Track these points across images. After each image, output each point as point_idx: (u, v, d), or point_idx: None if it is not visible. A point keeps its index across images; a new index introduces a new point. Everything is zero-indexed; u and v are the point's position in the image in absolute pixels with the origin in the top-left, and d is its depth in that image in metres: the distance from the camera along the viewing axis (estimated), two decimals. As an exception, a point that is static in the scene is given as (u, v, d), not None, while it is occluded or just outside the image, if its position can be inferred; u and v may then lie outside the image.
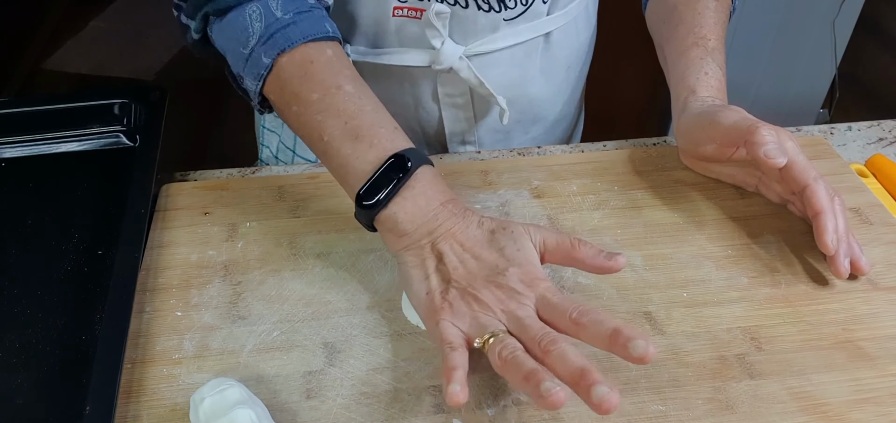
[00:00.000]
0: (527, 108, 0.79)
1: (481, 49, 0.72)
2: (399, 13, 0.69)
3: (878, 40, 1.97)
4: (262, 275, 0.58)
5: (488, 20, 0.71)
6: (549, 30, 0.74)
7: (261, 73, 0.58)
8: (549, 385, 0.42)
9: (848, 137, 0.76)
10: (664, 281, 0.58)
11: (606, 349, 0.44)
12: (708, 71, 0.66)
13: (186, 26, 0.63)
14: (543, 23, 0.74)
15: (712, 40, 0.67)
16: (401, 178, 0.52)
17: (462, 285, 0.50)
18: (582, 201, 0.65)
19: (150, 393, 0.50)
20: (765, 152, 0.56)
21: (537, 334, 0.46)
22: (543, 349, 0.45)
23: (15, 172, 0.66)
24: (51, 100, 0.69)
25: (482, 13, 0.70)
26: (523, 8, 0.71)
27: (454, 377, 0.44)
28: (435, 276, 0.51)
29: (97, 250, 0.58)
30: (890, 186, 0.69)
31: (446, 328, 0.48)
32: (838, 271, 0.56)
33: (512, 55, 0.74)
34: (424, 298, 0.51)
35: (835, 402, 0.50)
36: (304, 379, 0.51)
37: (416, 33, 0.70)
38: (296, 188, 0.66)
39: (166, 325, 0.54)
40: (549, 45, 0.76)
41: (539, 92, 0.79)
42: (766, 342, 0.53)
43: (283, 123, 0.82)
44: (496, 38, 0.72)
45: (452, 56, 0.70)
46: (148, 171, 0.63)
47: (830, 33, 1.68)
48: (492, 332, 0.47)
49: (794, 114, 1.82)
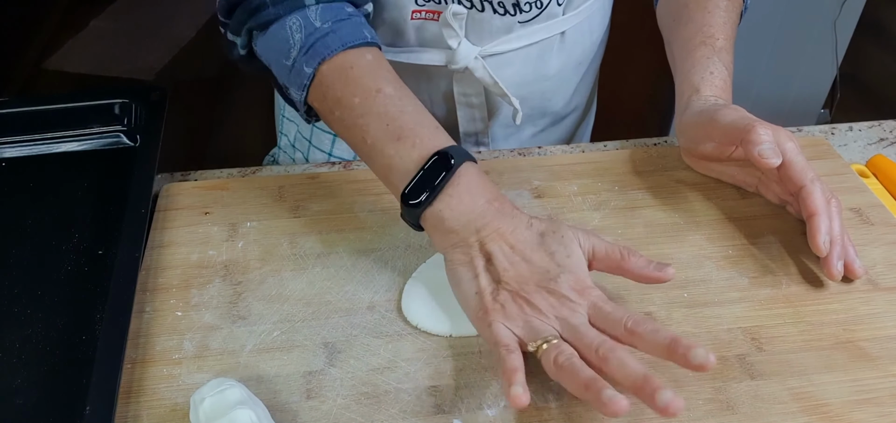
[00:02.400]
0: (538, 104, 0.80)
1: (496, 49, 0.73)
2: (417, 16, 0.70)
3: (880, 41, 1.97)
4: (263, 275, 0.58)
5: (503, 22, 0.71)
6: (563, 29, 0.75)
7: (304, 82, 0.59)
8: (610, 394, 0.42)
9: (849, 137, 0.76)
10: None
11: (665, 358, 0.45)
12: (713, 70, 0.66)
13: (232, 43, 0.64)
14: (558, 22, 0.74)
15: (720, 40, 0.67)
16: (445, 175, 0.52)
17: (513, 287, 0.50)
18: (582, 202, 0.65)
19: (150, 393, 0.50)
20: (759, 152, 0.56)
21: (594, 342, 0.46)
22: (601, 357, 0.45)
23: (15, 172, 0.66)
24: (51, 100, 0.69)
25: (498, 16, 0.71)
26: (538, 11, 0.72)
27: (516, 378, 0.45)
28: (484, 276, 0.51)
29: (97, 249, 0.58)
30: (891, 186, 0.69)
31: (500, 330, 0.48)
32: (831, 272, 0.56)
33: (526, 54, 0.75)
34: (474, 297, 0.51)
35: (835, 402, 0.49)
36: (304, 379, 0.51)
37: (434, 33, 0.71)
38: (296, 188, 0.66)
39: (166, 325, 0.54)
40: (564, 44, 0.76)
41: (551, 88, 0.79)
42: (767, 343, 0.53)
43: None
44: (511, 39, 0.73)
45: (468, 56, 0.71)
46: (148, 170, 0.63)
47: (831, 33, 1.67)
48: (545, 337, 0.47)
49: (795, 114, 1.82)
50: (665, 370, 0.51)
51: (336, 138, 0.82)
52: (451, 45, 0.71)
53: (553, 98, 0.81)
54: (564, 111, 0.83)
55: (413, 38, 0.72)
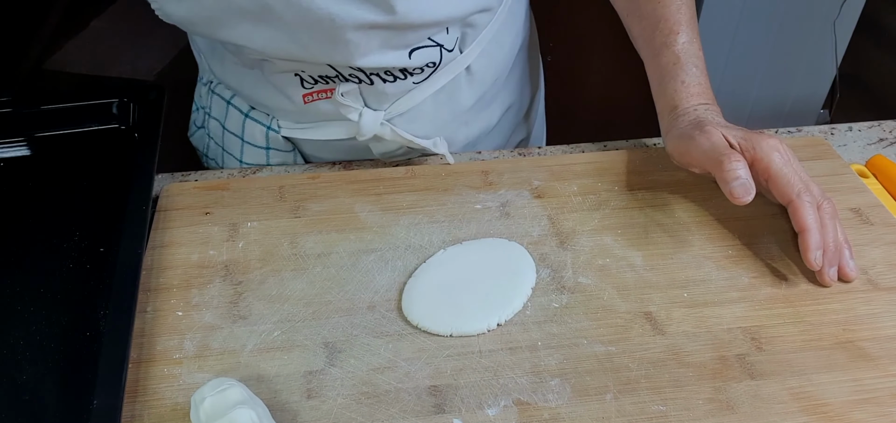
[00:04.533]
0: (468, 131, 0.75)
1: (401, 109, 0.69)
2: (309, 99, 0.68)
3: (879, 41, 1.97)
4: (263, 275, 0.58)
5: (398, 87, 0.68)
6: (466, 64, 0.70)
7: None
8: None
9: (848, 137, 0.76)
10: (665, 281, 0.58)
11: None
12: (685, 79, 0.63)
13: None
14: (458, 62, 0.69)
15: (682, 34, 0.63)
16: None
17: None
18: (582, 202, 0.65)
19: (150, 393, 0.50)
20: (730, 191, 0.56)
21: None
22: None
23: (15, 172, 0.66)
24: (50, 99, 0.69)
25: (389, 84, 0.67)
26: (431, 70, 0.68)
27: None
28: None
29: (99, 248, 0.58)
30: (890, 186, 0.69)
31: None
32: (824, 280, 0.57)
33: (434, 100, 0.70)
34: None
35: (835, 402, 0.50)
36: (304, 379, 0.51)
37: (333, 110, 0.68)
38: (296, 188, 0.66)
39: (167, 325, 0.54)
40: (472, 75, 0.72)
41: (475, 116, 0.75)
42: (767, 343, 0.53)
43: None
44: (413, 96, 0.69)
45: (374, 124, 0.68)
46: (148, 169, 0.63)
47: (831, 34, 1.67)
48: None
49: (794, 114, 1.81)
50: (664, 370, 0.51)
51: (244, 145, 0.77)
52: (353, 118, 0.67)
53: (480, 124, 0.76)
54: (503, 126, 0.80)
55: (314, 116, 0.70)
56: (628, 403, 0.49)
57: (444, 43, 0.66)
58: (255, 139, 0.74)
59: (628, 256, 0.60)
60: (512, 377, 0.51)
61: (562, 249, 0.61)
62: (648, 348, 0.53)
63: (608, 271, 0.59)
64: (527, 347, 0.53)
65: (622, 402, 0.49)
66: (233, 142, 0.76)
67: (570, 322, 0.55)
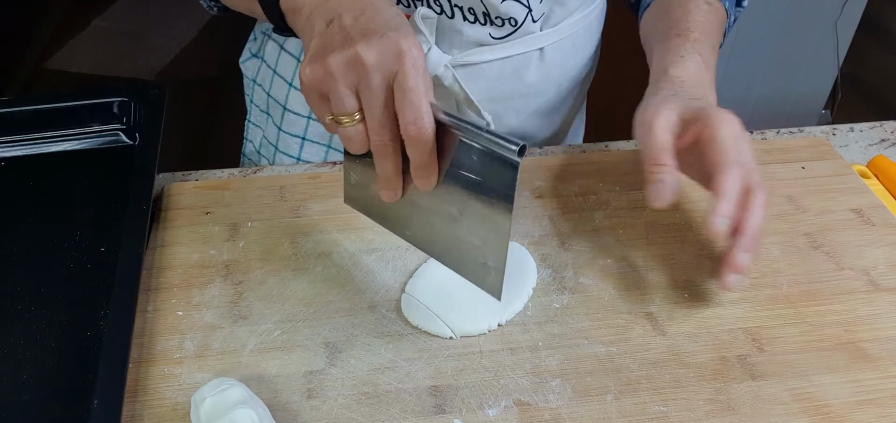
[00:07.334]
0: (513, 124, 0.76)
1: (468, 60, 0.70)
2: None
3: (881, 41, 1.97)
4: (264, 275, 0.58)
5: (475, 32, 0.69)
6: (542, 45, 0.72)
7: None
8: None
9: (850, 138, 0.76)
10: (666, 282, 0.58)
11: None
12: (684, 55, 0.61)
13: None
14: (536, 38, 0.71)
15: (696, 33, 0.63)
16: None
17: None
18: (584, 202, 0.65)
19: (151, 393, 0.50)
20: (648, 193, 0.53)
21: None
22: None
23: (15, 172, 0.66)
24: (50, 99, 0.69)
25: (468, 24, 0.68)
26: (512, 28, 0.69)
27: None
28: None
29: (99, 247, 0.58)
30: (892, 187, 0.68)
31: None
32: (732, 263, 0.52)
33: (501, 68, 0.72)
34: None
35: (836, 403, 0.49)
36: (305, 379, 0.51)
37: None
38: (297, 188, 0.66)
39: (167, 324, 0.54)
40: (543, 61, 0.73)
41: (527, 106, 0.76)
42: (768, 343, 0.53)
43: (267, 119, 0.82)
44: (484, 51, 0.70)
45: (437, 64, 0.69)
46: (148, 168, 0.63)
47: (833, 34, 1.67)
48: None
49: (796, 114, 1.81)
50: (665, 371, 0.51)
51: (305, 142, 0.79)
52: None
53: (529, 118, 0.77)
54: (540, 134, 0.80)
55: None
56: (629, 403, 0.49)
57: (533, 7, 0.68)
58: None
59: (629, 256, 0.60)
60: (513, 377, 0.51)
61: (563, 249, 0.61)
62: (649, 349, 0.53)
63: (609, 272, 0.59)
64: (527, 347, 0.53)
65: (623, 403, 0.49)
66: (290, 142, 0.78)
67: (570, 323, 0.54)
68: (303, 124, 0.78)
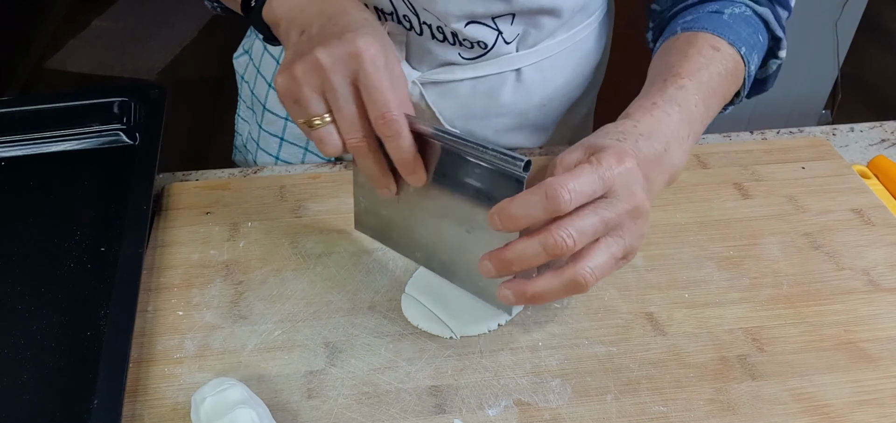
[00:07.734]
0: (495, 136, 0.72)
1: (437, 77, 0.67)
2: None
3: (881, 41, 1.97)
4: (264, 275, 0.58)
5: (444, 52, 0.66)
6: (518, 66, 0.68)
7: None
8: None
9: (850, 138, 0.76)
10: (666, 282, 0.58)
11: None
12: (657, 102, 0.53)
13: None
14: (511, 59, 0.67)
15: (685, 80, 0.55)
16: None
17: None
18: (583, 202, 0.65)
19: (151, 393, 0.50)
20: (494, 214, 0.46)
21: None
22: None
23: (15, 172, 0.66)
24: (50, 99, 0.69)
25: (437, 43, 0.65)
26: (483, 50, 0.66)
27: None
28: None
29: (100, 247, 0.58)
30: (892, 187, 0.68)
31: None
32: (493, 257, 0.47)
33: (473, 87, 0.68)
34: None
35: (837, 403, 0.49)
36: (305, 379, 0.51)
37: None
38: (297, 188, 0.66)
39: (168, 324, 0.54)
40: (521, 81, 0.69)
41: (506, 127, 0.72)
42: (768, 344, 0.53)
43: (253, 116, 0.82)
44: (455, 70, 0.67)
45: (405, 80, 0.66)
46: (148, 168, 0.63)
47: (833, 34, 1.67)
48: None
49: (796, 115, 1.81)
50: (665, 371, 0.51)
51: (283, 142, 0.78)
52: None
53: (509, 135, 0.73)
54: (531, 141, 0.75)
55: None
56: (629, 403, 0.49)
57: (504, 30, 0.65)
58: None
59: (629, 256, 0.60)
60: (513, 377, 0.51)
61: (563, 249, 0.60)
62: (649, 349, 0.53)
63: (609, 272, 0.58)
64: (527, 347, 0.53)
65: (623, 403, 0.49)
66: (269, 141, 0.78)
67: (570, 323, 0.55)
68: (281, 125, 0.78)
